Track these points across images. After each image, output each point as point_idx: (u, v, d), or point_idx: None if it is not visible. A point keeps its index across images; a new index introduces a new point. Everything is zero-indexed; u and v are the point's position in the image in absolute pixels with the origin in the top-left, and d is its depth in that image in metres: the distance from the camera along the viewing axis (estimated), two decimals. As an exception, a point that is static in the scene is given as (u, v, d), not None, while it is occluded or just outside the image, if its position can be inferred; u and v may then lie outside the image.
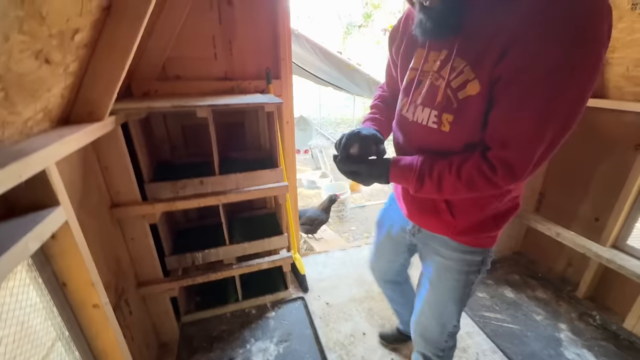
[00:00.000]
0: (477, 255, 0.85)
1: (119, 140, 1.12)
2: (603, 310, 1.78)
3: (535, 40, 0.53)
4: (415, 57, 0.76)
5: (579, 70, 0.52)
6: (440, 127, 0.68)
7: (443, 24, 0.62)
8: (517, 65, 0.55)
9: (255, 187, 1.43)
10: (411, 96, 0.75)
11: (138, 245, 1.29)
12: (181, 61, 1.56)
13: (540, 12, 0.53)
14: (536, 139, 0.57)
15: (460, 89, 0.63)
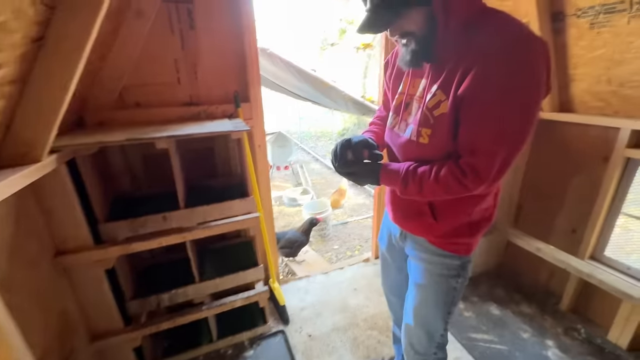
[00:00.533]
0: (455, 260, 0.93)
1: (62, 180, 1.00)
2: (587, 322, 1.77)
3: (485, 69, 0.66)
4: (402, 83, 0.90)
5: (522, 91, 0.65)
6: (420, 140, 0.81)
7: (418, 57, 0.77)
8: (473, 89, 0.68)
9: (223, 221, 1.33)
10: (401, 115, 0.89)
11: (90, 294, 1.15)
12: (141, 88, 1.46)
13: (487, 48, 0.66)
14: (495, 147, 0.70)
15: (435, 108, 0.77)
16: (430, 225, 0.91)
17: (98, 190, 1.20)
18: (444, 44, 0.73)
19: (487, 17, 0.71)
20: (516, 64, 0.64)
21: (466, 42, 0.70)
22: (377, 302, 1.98)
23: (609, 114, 1.56)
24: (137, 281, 1.50)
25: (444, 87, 0.74)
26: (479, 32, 0.69)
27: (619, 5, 1.28)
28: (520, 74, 0.64)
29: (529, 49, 0.64)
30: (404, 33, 0.75)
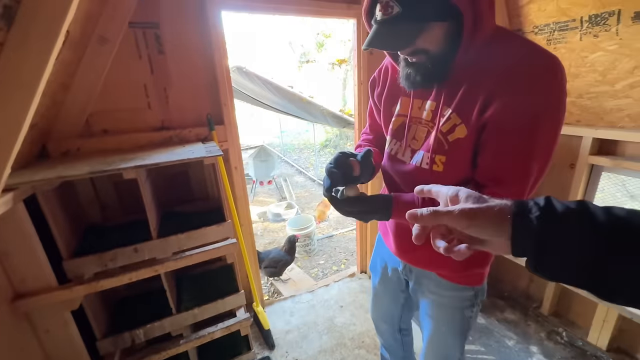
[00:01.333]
0: (469, 291, 0.88)
1: (19, 220, 0.94)
2: (568, 325, 1.81)
3: (517, 97, 0.62)
4: (400, 104, 0.82)
5: (553, 116, 0.62)
6: (433, 167, 0.74)
7: (431, 77, 0.69)
8: (503, 117, 0.63)
9: (198, 250, 1.29)
10: (405, 140, 0.81)
11: (55, 338, 1.07)
12: (109, 114, 1.42)
13: (516, 73, 0.62)
14: (525, 175, 0.65)
15: (449, 133, 0.71)
16: (441, 256, 0.81)
17: (65, 224, 1.14)
18: (461, 63, 0.66)
19: (501, 35, 0.67)
20: (548, 92, 0.61)
21: (484, 62, 0.65)
22: (363, 319, 1.95)
23: (572, 122, 1.64)
24: (111, 315, 1.42)
25: (460, 110, 0.69)
26: (498, 52, 0.65)
27: (571, 24, 1.36)
28: (551, 101, 0.61)
29: (557, 74, 0.61)
30: (416, 51, 0.66)
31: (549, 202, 0.35)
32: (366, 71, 1.95)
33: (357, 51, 1.91)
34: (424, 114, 0.76)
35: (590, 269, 0.32)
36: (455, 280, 0.86)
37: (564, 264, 0.33)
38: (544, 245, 0.33)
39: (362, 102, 2.00)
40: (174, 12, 1.42)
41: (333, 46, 8.29)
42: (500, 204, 0.37)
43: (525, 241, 0.34)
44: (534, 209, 0.35)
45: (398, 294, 1.06)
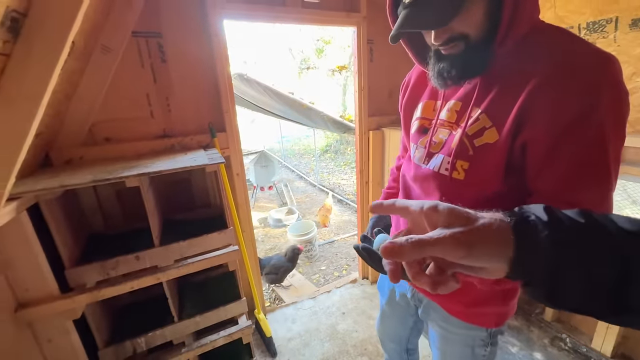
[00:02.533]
0: (481, 332, 0.77)
1: (22, 229, 0.94)
2: (572, 331, 1.79)
3: (565, 97, 0.52)
4: (423, 108, 0.76)
5: (623, 121, 0.53)
6: (453, 174, 0.65)
7: (470, 69, 0.60)
8: (569, 127, 0.52)
9: (200, 258, 1.29)
10: (428, 145, 0.72)
11: (57, 347, 1.07)
12: (111, 123, 1.43)
13: (562, 68, 0.52)
14: (606, 190, 0.55)
15: (476, 137, 0.62)
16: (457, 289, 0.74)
17: (67, 233, 1.14)
18: (497, 55, 0.58)
19: (544, 29, 0.58)
20: (619, 96, 0.52)
21: (525, 56, 0.57)
22: (365, 325, 1.94)
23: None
24: (112, 324, 1.41)
25: (492, 112, 0.60)
26: (541, 46, 0.56)
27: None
28: (620, 106, 0.52)
29: (617, 70, 0.52)
30: (453, 37, 0.57)
31: (552, 213, 0.30)
32: (366, 78, 1.96)
33: (358, 58, 1.93)
34: (446, 115, 0.68)
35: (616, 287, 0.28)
36: (463, 317, 0.76)
37: (584, 288, 0.28)
38: (558, 268, 0.28)
39: (363, 108, 2.01)
40: (177, 22, 1.44)
41: (333, 52, 8.36)
42: (496, 221, 0.31)
43: (533, 265, 0.29)
44: (539, 225, 0.29)
45: (407, 317, 1.01)
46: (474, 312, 0.75)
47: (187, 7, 1.45)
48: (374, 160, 2.10)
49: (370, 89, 2.00)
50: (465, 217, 0.31)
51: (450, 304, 0.78)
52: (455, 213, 0.32)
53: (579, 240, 0.29)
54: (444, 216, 0.32)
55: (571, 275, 0.28)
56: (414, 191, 0.77)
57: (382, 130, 2.06)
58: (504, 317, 0.76)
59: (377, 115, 2.07)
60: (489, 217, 0.31)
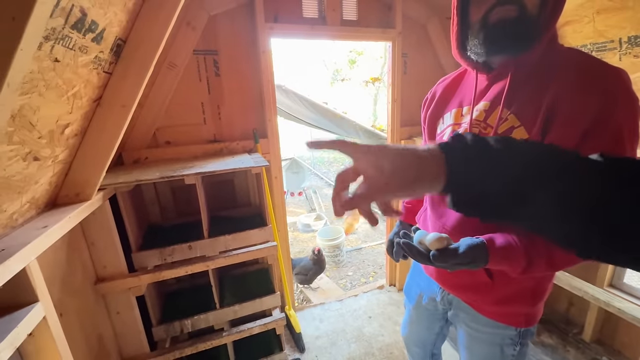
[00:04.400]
0: (510, 330, 0.78)
1: (106, 216, 1.13)
2: (613, 354, 1.70)
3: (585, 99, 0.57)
4: (453, 116, 0.78)
5: (633, 119, 0.57)
6: None
7: (519, 36, 0.61)
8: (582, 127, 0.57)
9: (243, 250, 1.42)
10: None
11: (123, 319, 1.24)
12: (171, 128, 1.63)
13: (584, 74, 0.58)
14: None
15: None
16: (483, 286, 0.74)
17: (133, 222, 1.33)
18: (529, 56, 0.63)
19: (559, 45, 0.65)
20: (632, 99, 0.57)
21: (548, 62, 0.63)
22: (391, 331, 1.97)
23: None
24: (163, 306, 1.59)
25: (520, 112, 0.63)
26: (562, 55, 0.63)
27: (609, 44, 1.37)
28: (634, 108, 0.57)
29: (628, 79, 0.58)
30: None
31: (476, 141, 0.38)
32: (399, 89, 2.04)
33: (392, 70, 2.02)
34: (476, 115, 0.71)
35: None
36: (492, 316, 0.78)
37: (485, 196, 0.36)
38: (479, 173, 0.36)
39: (396, 119, 2.09)
40: (231, 41, 1.63)
41: (365, 63, 8.49)
42: (427, 148, 0.39)
43: (459, 169, 0.37)
44: (461, 144, 0.38)
45: (434, 322, 1.02)
46: (504, 311, 0.77)
47: (240, 27, 1.64)
48: (404, 169, 2.15)
49: (403, 100, 2.08)
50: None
51: (481, 304, 0.79)
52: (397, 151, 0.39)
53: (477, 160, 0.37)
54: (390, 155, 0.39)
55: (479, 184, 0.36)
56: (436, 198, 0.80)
57: (413, 139, 2.12)
58: (532, 317, 0.77)
59: (408, 126, 2.13)
60: (426, 150, 0.39)
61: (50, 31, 0.60)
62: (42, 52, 0.60)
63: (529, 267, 0.60)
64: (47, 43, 0.61)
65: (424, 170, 0.37)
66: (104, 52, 0.85)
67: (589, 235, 0.33)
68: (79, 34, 0.70)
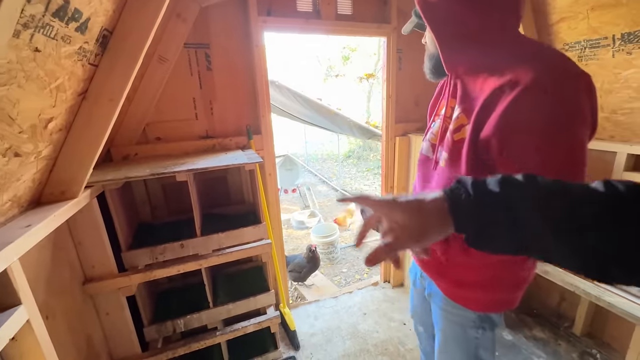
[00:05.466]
0: (470, 313, 0.82)
1: (94, 214, 1.09)
2: (603, 347, 1.74)
3: (527, 103, 0.59)
4: (439, 106, 0.87)
5: (563, 142, 0.59)
6: (440, 162, 0.78)
7: (440, 69, 0.75)
8: (513, 124, 0.60)
9: (237, 248, 1.40)
10: (428, 136, 0.88)
11: (113, 320, 1.21)
12: (162, 124, 1.59)
13: (528, 78, 0.58)
14: None
15: (456, 131, 0.73)
16: (441, 266, 0.83)
17: (123, 221, 1.29)
18: (468, 58, 0.70)
19: (522, 44, 0.68)
20: (558, 102, 0.57)
21: (494, 67, 0.65)
22: (386, 327, 1.98)
23: (605, 138, 1.62)
24: (154, 306, 1.56)
25: (466, 111, 0.70)
26: (512, 58, 0.64)
27: (603, 41, 1.38)
28: (562, 114, 0.58)
29: (571, 83, 0.58)
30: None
31: (476, 187, 0.41)
32: (394, 86, 2.03)
33: (387, 66, 2.00)
34: (444, 110, 0.80)
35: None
36: (452, 297, 0.84)
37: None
38: (485, 221, 0.40)
39: (390, 115, 2.08)
40: (223, 34, 1.59)
41: (358, 59, 8.46)
42: (432, 199, 0.43)
43: (466, 221, 0.41)
44: (464, 195, 0.41)
45: (427, 303, 1.04)
46: (459, 294, 0.83)
47: (233, 20, 1.59)
48: (399, 166, 2.15)
49: (398, 97, 2.07)
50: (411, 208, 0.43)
51: (441, 283, 0.85)
52: (405, 205, 0.43)
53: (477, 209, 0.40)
54: (399, 208, 0.44)
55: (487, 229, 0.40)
56: (421, 179, 0.90)
57: (408, 136, 2.11)
58: (489, 304, 0.81)
59: (403, 122, 2.13)
60: (431, 203, 0.42)
61: (29, 18, 0.57)
62: (20, 40, 0.57)
63: (447, 247, 0.75)
64: (25, 31, 0.57)
65: (430, 224, 0.42)
66: (89, 43, 0.81)
67: (603, 269, 0.35)
68: (61, 22, 0.66)
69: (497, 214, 0.38)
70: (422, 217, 0.42)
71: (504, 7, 0.66)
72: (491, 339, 0.87)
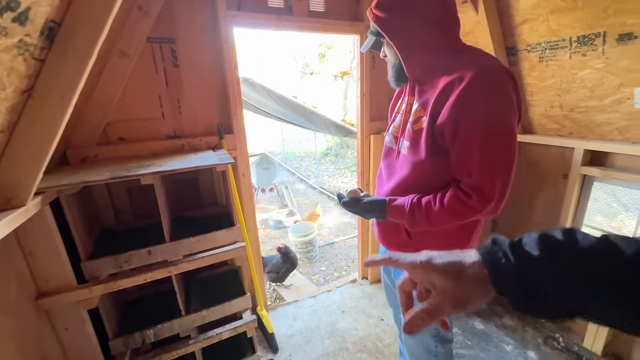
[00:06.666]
0: None
1: (46, 222, 1.00)
2: (564, 330, 1.85)
3: (466, 97, 0.73)
4: (399, 105, 1.02)
5: (501, 113, 0.74)
6: (402, 151, 0.91)
7: (402, 75, 0.90)
8: (457, 115, 0.75)
9: (209, 253, 1.34)
10: (391, 129, 1.01)
11: (73, 336, 1.12)
12: (125, 123, 1.49)
13: (466, 77, 0.74)
14: (489, 166, 0.76)
15: (415, 122, 0.86)
16: (405, 243, 0.94)
17: (82, 228, 1.20)
18: (417, 70, 0.85)
19: (463, 51, 0.83)
20: (494, 91, 0.73)
21: (439, 69, 0.81)
22: (365, 323, 1.99)
23: (564, 135, 1.72)
24: (122, 316, 1.47)
25: (423, 105, 0.84)
26: (457, 61, 0.79)
27: (561, 43, 1.45)
28: (497, 100, 0.73)
29: (502, 78, 0.74)
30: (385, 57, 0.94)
31: (516, 252, 0.38)
32: (368, 84, 2.04)
33: (360, 65, 2.00)
34: (404, 107, 0.93)
35: (575, 302, 0.35)
36: None
37: (548, 304, 0.37)
38: (528, 290, 0.37)
39: (365, 113, 2.09)
40: (190, 29, 1.52)
41: (335, 57, 8.47)
42: (471, 264, 0.39)
43: (509, 290, 0.38)
44: (504, 260, 0.38)
45: (395, 281, 1.14)
46: None
47: (200, 15, 1.52)
48: (374, 163, 2.16)
49: (372, 95, 2.08)
50: (452, 272, 0.39)
51: None
52: (443, 269, 0.40)
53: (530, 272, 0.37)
54: (437, 273, 0.40)
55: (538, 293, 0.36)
56: (385, 168, 1.02)
57: (382, 134, 2.13)
58: None
59: (377, 120, 2.14)
60: (467, 260, 0.39)
61: (-49, 6, 0.49)
62: (-60, 31, 0.50)
63: (413, 222, 0.84)
64: (-53, 20, 0.50)
65: (472, 292, 0.39)
66: (31, 36, 0.73)
67: None
68: (-6, 11, 0.59)
69: (542, 280, 0.36)
70: (462, 283, 0.39)
71: (441, 22, 0.81)
72: (453, 317, 1.01)
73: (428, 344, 1.04)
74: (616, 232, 1.65)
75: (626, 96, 1.34)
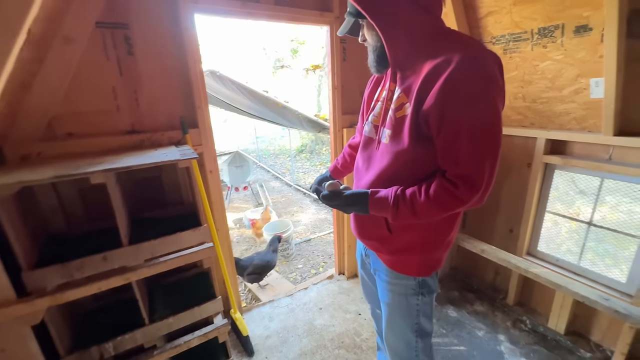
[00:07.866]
0: (410, 280, 0.94)
1: (-27, 229, 0.87)
2: (531, 313, 1.94)
3: (452, 83, 0.69)
4: (378, 93, 0.96)
5: (487, 97, 0.70)
6: (383, 140, 0.86)
7: (383, 59, 0.84)
8: (442, 101, 0.71)
9: (174, 255, 1.25)
10: (381, 121, 0.91)
11: (13, 356, 0.99)
12: (73, 117, 1.35)
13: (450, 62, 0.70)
14: (477, 154, 0.72)
15: (398, 110, 0.81)
16: (384, 238, 0.91)
17: (24, 234, 1.06)
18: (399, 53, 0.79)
19: (447, 33, 0.79)
20: (481, 76, 0.69)
21: (428, 53, 0.75)
22: (342, 319, 1.97)
23: (527, 125, 1.79)
24: (76, 330, 1.33)
25: (406, 92, 0.79)
26: (441, 44, 0.75)
27: (523, 35, 1.50)
28: (485, 85, 0.69)
29: (489, 61, 0.70)
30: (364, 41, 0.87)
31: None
32: (340, 76, 2.00)
33: (331, 57, 1.96)
34: (385, 94, 0.89)
35: None
36: (393, 266, 0.94)
37: None
38: None
39: (337, 107, 2.05)
40: (145, 13, 1.40)
41: (307, 52, 8.39)
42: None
43: None
44: None
45: (372, 278, 1.12)
46: (399, 260, 0.93)
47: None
48: (348, 157, 2.14)
49: (344, 88, 2.05)
50: None
51: (382, 254, 0.96)
52: None
53: None
54: None
55: None
56: (362, 159, 0.97)
57: (355, 127, 2.11)
58: (425, 266, 0.93)
59: (350, 113, 2.12)
60: None
61: None
62: None
63: (397, 215, 0.80)
64: None
65: None
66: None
67: None
68: None
69: None
70: None
71: (425, 0, 0.76)
72: (430, 305, 0.98)
73: (408, 339, 1.01)
74: (574, 217, 1.74)
75: (583, 87, 1.40)
